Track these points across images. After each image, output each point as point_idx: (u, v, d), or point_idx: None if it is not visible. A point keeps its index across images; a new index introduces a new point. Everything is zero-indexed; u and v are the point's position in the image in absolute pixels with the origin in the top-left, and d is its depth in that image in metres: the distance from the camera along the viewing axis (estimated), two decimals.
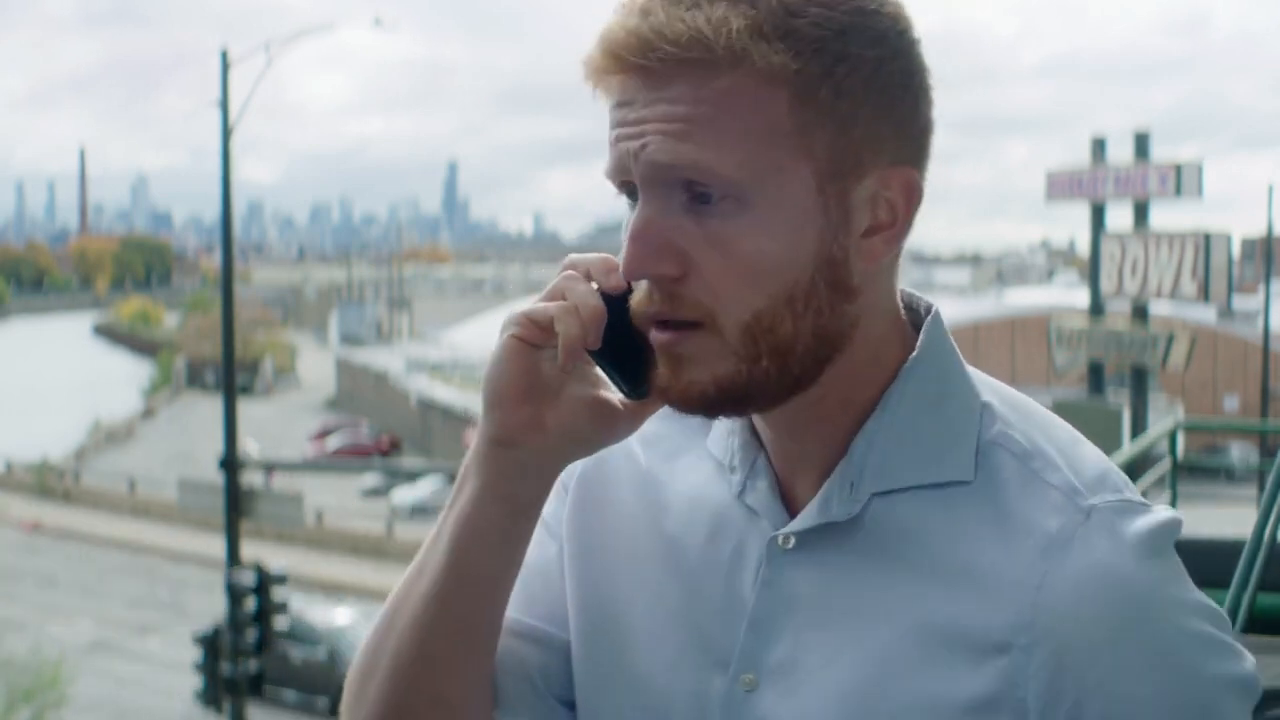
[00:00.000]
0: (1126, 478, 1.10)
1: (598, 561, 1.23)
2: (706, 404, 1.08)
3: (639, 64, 1.03)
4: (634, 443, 1.23)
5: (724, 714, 1.12)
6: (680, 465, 1.23)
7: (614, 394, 1.14)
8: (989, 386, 1.15)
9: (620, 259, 1.08)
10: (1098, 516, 1.05)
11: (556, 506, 1.25)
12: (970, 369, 1.15)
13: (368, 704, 1.18)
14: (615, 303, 1.11)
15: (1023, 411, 1.13)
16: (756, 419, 1.16)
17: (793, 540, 1.12)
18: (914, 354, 1.12)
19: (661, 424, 1.22)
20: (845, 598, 1.09)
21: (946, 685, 1.04)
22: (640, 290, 1.09)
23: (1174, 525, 1.08)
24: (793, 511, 1.14)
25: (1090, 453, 1.11)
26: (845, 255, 1.06)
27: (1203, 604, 1.06)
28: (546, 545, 1.25)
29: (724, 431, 1.20)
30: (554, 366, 1.11)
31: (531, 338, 1.11)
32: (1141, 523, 1.05)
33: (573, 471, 1.25)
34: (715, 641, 1.14)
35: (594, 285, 1.11)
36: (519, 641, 1.23)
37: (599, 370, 1.14)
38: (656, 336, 1.08)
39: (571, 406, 1.12)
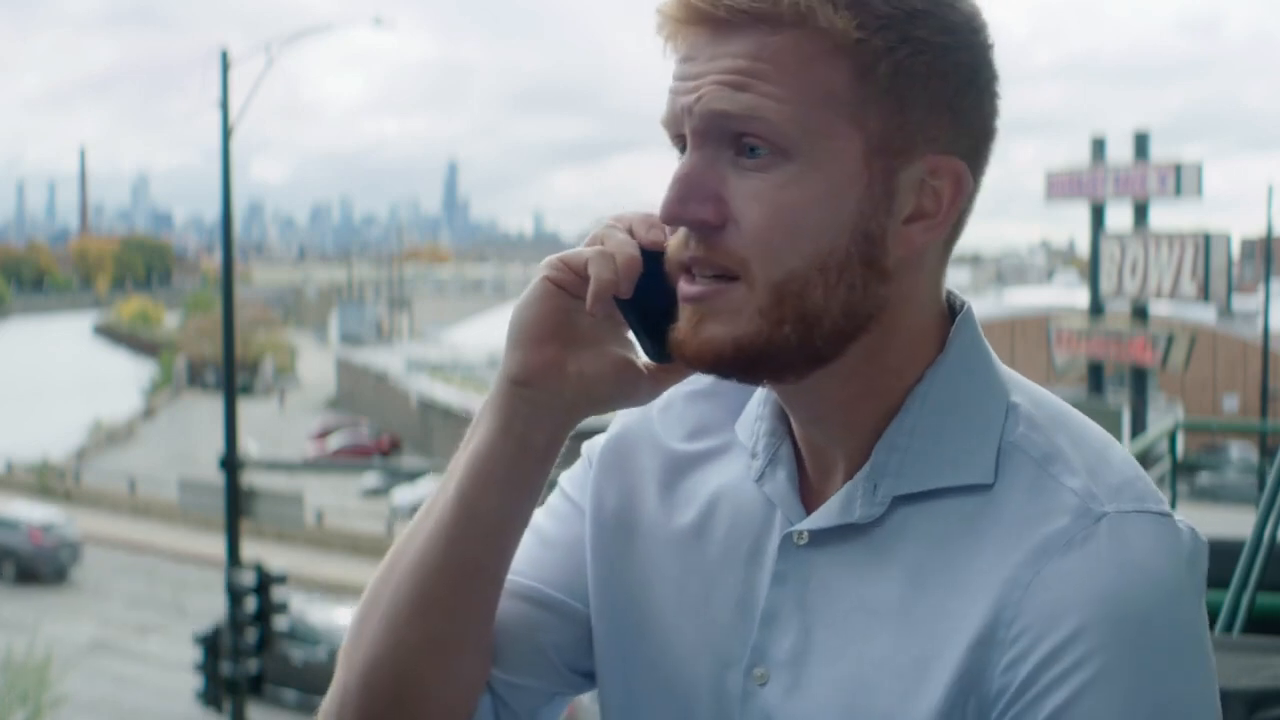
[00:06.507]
0: (1156, 490, 1.07)
1: (620, 539, 1.23)
2: (720, 363, 1.08)
3: (708, 13, 1.04)
4: (659, 423, 1.22)
5: (741, 708, 1.12)
6: (710, 453, 1.22)
7: (640, 357, 1.14)
8: (1021, 388, 1.13)
9: (660, 204, 1.08)
10: (1109, 523, 1.02)
11: (581, 478, 1.26)
12: (1004, 369, 1.13)
13: (364, 646, 1.16)
14: (652, 260, 1.11)
15: (1052, 414, 1.11)
16: (786, 405, 1.14)
17: (807, 536, 1.11)
18: (941, 354, 1.11)
19: (693, 407, 1.21)
20: (856, 596, 1.08)
21: (931, 686, 1.03)
22: (677, 237, 1.09)
23: (1195, 544, 1.04)
24: (811, 504, 1.13)
25: (1119, 459, 1.08)
26: (883, 234, 1.06)
27: (1202, 636, 1.02)
28: (570, 519, 1.25)
29: (753, 416, 1.19)
30: (584, 317, 1.11)
31: (564, 281, 1.12)
32: (1158, 535, 1.02)
33: (596, 444, 1.26)
34: (731, 636, 1.14)
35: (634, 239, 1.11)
36: (533, 607, 1.22)
37: (629, 334, 1.14)
38: (684, 288, 1.08)
39: (595, 358, 1.13)
